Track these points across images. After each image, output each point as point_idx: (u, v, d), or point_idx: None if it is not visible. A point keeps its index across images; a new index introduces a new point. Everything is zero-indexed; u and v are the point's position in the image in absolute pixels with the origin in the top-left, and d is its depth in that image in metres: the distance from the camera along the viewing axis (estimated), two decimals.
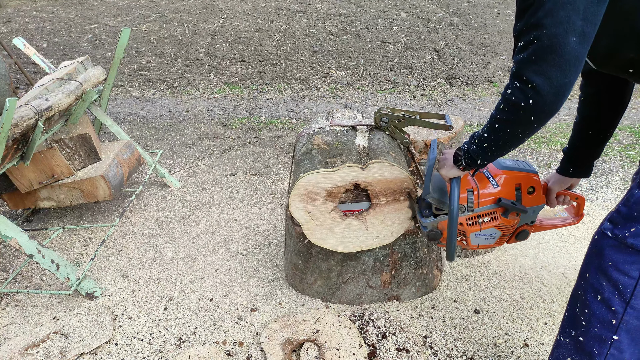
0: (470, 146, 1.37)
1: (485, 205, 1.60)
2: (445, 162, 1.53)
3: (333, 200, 1.89)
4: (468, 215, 1.61)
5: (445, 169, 1.52)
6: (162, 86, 5.72)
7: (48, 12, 7.57)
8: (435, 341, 1.92)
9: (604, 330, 1.24)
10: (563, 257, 2.46)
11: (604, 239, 1.24)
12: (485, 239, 1.66)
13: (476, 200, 1.59)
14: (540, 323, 2.00)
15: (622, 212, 1.22)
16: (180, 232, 2.80)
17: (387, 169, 1.86)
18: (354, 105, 5.09)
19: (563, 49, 1.05)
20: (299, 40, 6.42)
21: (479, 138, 1.32)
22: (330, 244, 1.91)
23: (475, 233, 1.64)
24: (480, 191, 1.59)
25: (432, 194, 1.63)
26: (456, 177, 1.50)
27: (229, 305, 2.16)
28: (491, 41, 6.38)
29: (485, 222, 1.62)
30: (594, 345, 1.26)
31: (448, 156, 1.52)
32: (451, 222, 1.51)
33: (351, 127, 2.26)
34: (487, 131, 1.28)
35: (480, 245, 1.69)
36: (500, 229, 1.64)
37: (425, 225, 1.71)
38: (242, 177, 3.48)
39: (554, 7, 1.04)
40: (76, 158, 2.72)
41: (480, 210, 1.60)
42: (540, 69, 1.08)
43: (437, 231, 1.70)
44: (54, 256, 2.15)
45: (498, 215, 1.61)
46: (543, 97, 1.10)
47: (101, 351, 1.91)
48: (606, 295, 1.22)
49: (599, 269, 1.24)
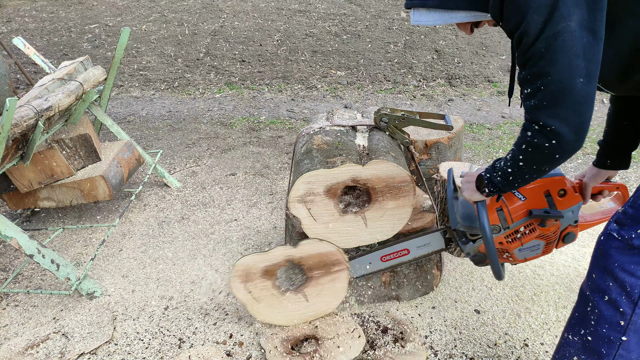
0: (494, 177, 1.35)
1: (519, 220, 1.56)
2: (468, 186, 1.50)
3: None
4: (505, 233, 1.57)
5: (468, 193, 1.50)
6: (162, 86, 5.72)
7: (48, 12, 7.57)
8: (435, 341, 1.92)
9: (612, 331, 1.24)
10: (563, 256, 2.46)
11: (610, 240, 1.24)
12: (531, 251, 1.62)
13: (508, 217, 1.55)
14: (540, 323, 2.00)
15: (629, 214, 1.22)
16: (180, 232, 2.80)
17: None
18: (354, 105, 5.09)
19: (571, 92, 1.06)
20: (299, 40, 6.43)
21: (502, 172, 1.31)
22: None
23: (519, 249, 1.60)
24: (509, 207, 1.55)
25: (461, 222, 1.62)
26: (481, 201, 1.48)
27: (229, 305, 2.16)
28: (491, 41, 6.38)
29: (524, 236, 1.58)
30: (602, 346, 1.27)
31: (470, 179, 1.49)
32: (488, 245, 1.48)
33: (351, 127, 2.26)
34: (511, 167, 1.27)
35: (528, 258, 1.64)
36: (542, 239, 1.59)
37: (467, 251, 1.69)
38: (242, 177, 3.48)
39: (555, 55, 1.06)
40: (76, 158, 2.72)
41: (516, 226, 1.56)
42: (554, 113, 1.09)
43: (480, 255, 1.68)
44: (54, 256, 2.15)
45: (535, 226, 1.57)
46: (564, 138, 1.10)
47: (101, 351, 1.91)
48: (613, 296, 1.23)
49: (605, 269, 1.24)
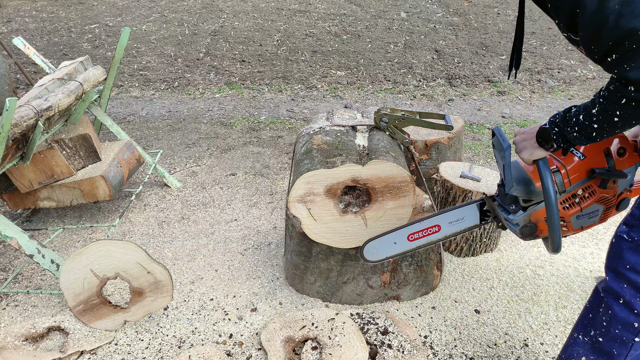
0: (569, 134, 1.26)
1: (577, 182, 1.44)
2: (525, 145, 1.40)
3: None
4: (562, 198, 1.45)
5: (527, 152, 1.39)
6: (162, 86, 5.72)
7: (48, 12, 7.57)
8: (435, 341, 1.92)
9: (625, 332, 1.24)
10: (563, 256, 2.46)
11: (620, 241, 1.25)
12: (589, 219, 1.50)
13: (566, 180, 1.43)
14: (540, 323, 2.00)
15: (637, 215, 1.23)
16: (180, 232, 2.80)
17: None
18: (354, 105, 5.09)
19: None
20: (299, 40, 6.42)
21: (581, 127, 1.22)
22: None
23: (577, 215, 1.48)
24: (567, 168, 1.43)
25: (517, 186, 1.47)
26: (542, 159, 1.37)
27: (228, 305, 2.16)
28: (491, 41, 6.38)
29: (583, 200, 1.46)
30: (613, 346, 1.27)
31: (527, 137, 1.39)
32: (551, 209, 1.35)
33: (351, 127, 2.26)
34: (598, 122, 1.17)
35: (585, 227, 1.52)
36: (602, 203, 1.47)
37: (516, 222, 1.54)
38: (242, 177, 3.48)
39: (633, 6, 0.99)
40: (76, 158, 2.72)
41: (573, 189, 1.44)
42: None
43: (531, 225, 1.54)
44: (54, 256, 2.15)
45: (595, 188, 1.45)
46: None
47: (101, 351, 1.91)
48: (628, 298, 1.23)
49: (618, 272, 1.25)
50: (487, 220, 1.75)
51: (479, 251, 2.46)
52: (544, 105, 5.01)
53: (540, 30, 6.57)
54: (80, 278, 1.98)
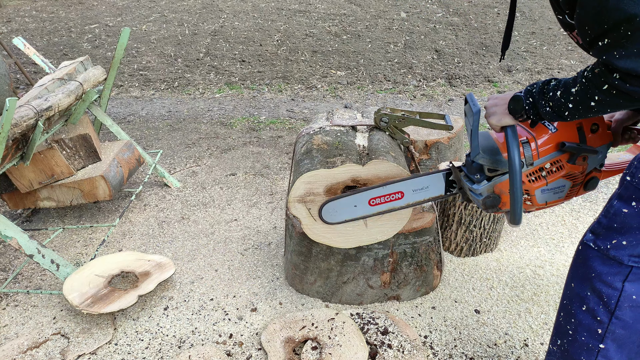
0: (541, 106, 1.23)
1: (546, 155, 1.41)
2: (495, 110, 1.36)
3: None
4: (528, 171, 1.43)
5: (496, 117, 1.35)
6: (162, 86, 5.72)
7: (48, 12, 7.57)
8: (435, 341, 1.92)
9: (591, 339, 1.24)
10: (563, 256, 2.46)
11: (587, 250, 1.23)
12: (554, 194, 1.47)
13: (534, 152, 1.40)
14: (540, 323, 2.00)
15: (603, 223, 1.20)
16: (180, 232, 2.80)
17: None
18: (354, 105, 5.09)
19: None
20: (299, 40, 6.42)
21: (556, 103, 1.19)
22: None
23: (541, 189, 1.45)
24: (537, 140, 1.40)
25: (483, 154, 1.44)
26: (511, 126, 1.34)
27: (229, 305, 2.16)
28: (491, 41, 6.38)
29: (550, 174, 1.43)
30: (581, 354, 1.26)
31: (499, 102, 1.35)
32: (514, 179, 1.32)
33: (351, 127, 2.26)
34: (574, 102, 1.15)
35: (549, 202, 1.49)
36: (569, 179, 1.45)
37: (479, 192, 1.51)
38: (242, 177, 3.48)
39: None
40: (76, 158, 2.72)
41: (541, 162, 1.41)
42: None
43: (494, 196, 1.50)
44: (54, 256, 2.15)
45: (564, 163, 1.42)
46: None
47: (101, 351, 1.91)
48: (591, 306, 1.22)
49: (583, 279, 1.24)
50: (453, 191, 1.71)
51: (479, 251, 2.47)
52: None
53: (540, 30, 6.57)
54: (85, 282, 2.08)
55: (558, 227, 2.74)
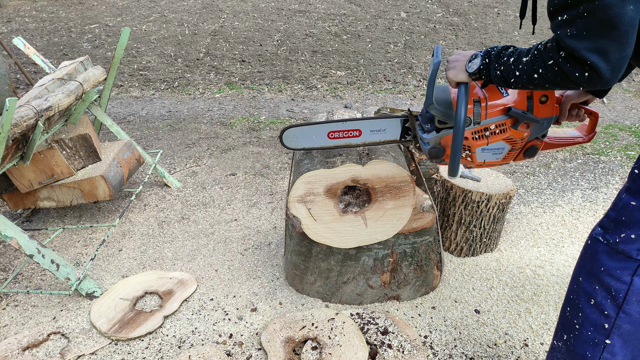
0: (493, 69, 1.26)
1: (493, 117, 1.48)
2: (455, 65, 1.40)
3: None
4: (474, 129, 1.49)
5: (454, 72, 1.39)
6: (162, 86, 5.72)
7: (48, 12, 7.56)
8: (435, 341, 1.92)
9: (597, 334, 1.24)
10: (563, 256, 2.46)
11: (596, 244, 1.24)
12: (492, 154, 1.55)
13: (483, 112, 1.47)
14: (540, 323, 2.00)
15: (612, 217, 1.21)
16: (180, 232, 2.80)
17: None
18: (354, 105, 5.09)
19: (621, 20, 0.94)
20: (299, 40, 6.42)
21: (507, 69, 1.22)
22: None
23: (482, 148, 1.52)
24: (488, 102, 1.47)
25: (436, 104, 1.50)
26: (464, 83, 1.39)
27: (228, 305, 2.16)
28: (491, 41, 6.38)
29: (492, 135, 1.50)
30: (587, 349, 1.26)
31: (460, 58, 1.39)
32: (457, 134, 1.39)
33: None
34: (521, 71, 1.18)
35: (487, 162, 1.57)
36: (509, 142, 1.52)
37: (427, 141, 1.57)
38: (242, 177, 3.48)
39: None
40: (76, 158, 2.72)
41: (487, 123, 1.48)
42: (595, 47, 0.98)
43: (439, 147, 1.57)
44: (54, 256, 2.15)
45: (507, 127, 1.50)
46: (601, 75, 1.01)
47: (101, 352, 1.91)
48: (599, 300, 1.22)
49: (591, 273, 1.24)
50: (407, 137, 1.78)
51: (479, 251, 2.47)
52: None
53: (540, 30, 6.57)
54: (112, 306, 2.11)
55: (558, 227, 2.74)
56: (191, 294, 2.22)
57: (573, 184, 3.29)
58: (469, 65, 1.35)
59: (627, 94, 5.34)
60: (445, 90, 1.55)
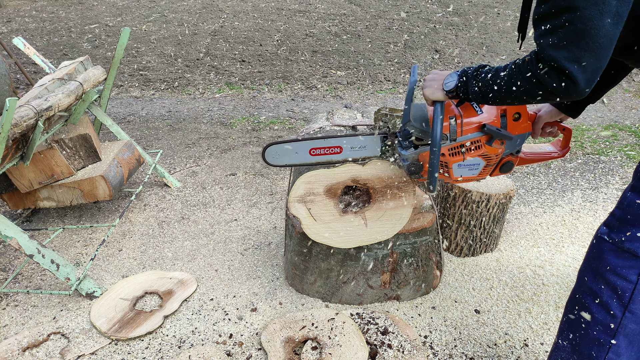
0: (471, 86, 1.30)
1: (468, 134, 1.54)
2: (432, 83, 1.44)
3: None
4: (450, 145, 1.55)
5: (430, 90, 1.43)
6: (162, 86, 5.72)
7: (48, 12, 7.57)
8: (435, 341, 1.92)
9: (603, 334, 1.24)
10: (563, 256, 2.46)
11: (601, 242, 1.24)
12: (469, 170, 1.60)
13: (459, 129, 1.53)
14: (540, 323, 2.00)
15: (617, 216, 1.22)
16: (180, 232, 2.80)
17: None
18: (354, 105, 5.09)
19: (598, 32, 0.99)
20: (299, 40, 6.42)
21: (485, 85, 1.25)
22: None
23: (458, 164, 1.58)
24: (464, 119, 1.53)
25: (413, 122, 1.54)
26: (440, 102, 1.43)
27: (228, 305, 2.16)
28: (491, 41, 6.38)
29: (468, 152, 1.56)
30: (592, 349, 1.26)
31: (437, 77, 1.43)
32: (433, 152, 1.44)
33: (351, 127, 2.26)
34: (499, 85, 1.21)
35: (464, 177, 1.62)
36: (484, 159, 1.59)
37: (405, 157, 1.63)
38: (242, 177, 3.48)
39: None
40: (76, 158, 2.72)
41: (463, 139, 1.54)
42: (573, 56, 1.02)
43: (417, 164, 1.63)
44: (54, 256, 2.15)
45: (482, 143, 1.56)
46: (577, 84, 1.04)
47: (101, 351, 1.91)
48: (605, 299, 1.22)
49: (597, 273, 1.24)
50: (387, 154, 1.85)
51: (479, 251, 2.47)
52: None
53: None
54: (112, 306, 2.10)
55: (558, 227, 2.74)
56: (191, 294, 2.21)
57: (573, 184, 3.29)
58: (445, 83, 1.38)
59: (627, 94, 5.34)
60: (422, 108, 1.60)
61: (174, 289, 2.22)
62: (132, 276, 2.33)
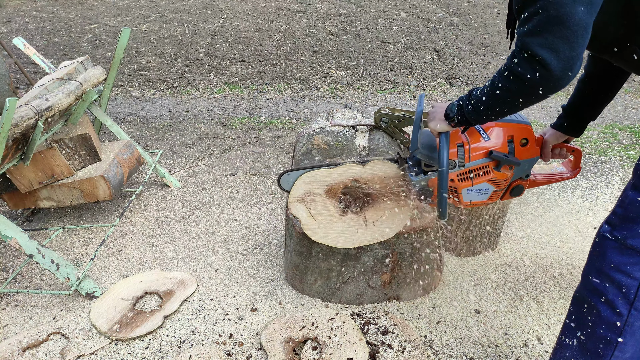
0: (465, 106, 1.33)
1: (476, 160, 1.56)
2: (435, 116, 1.47)
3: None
4: (459, 171, 1.57)
5: (434, 123, 1.47)
6: (162, 86, 5.72)
7: (48, 12, 7.56)
8: (436, 341, 1.92)
9: (609, 332, 1.24)
10: (563, 256, 2.46)
11: (604, 241, 1.24)
12: (478, 195, 1.62)
13: (467, 155, 1.55)
14: (541, 323, 2.00)
15: (618, 214, 1.22)
16: (180, 232, 2.80)
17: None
18: (354, 105, 5.09)
19: (570, 19, 1.00)
20: (299, 40, 6.42)
21: (476, 100, 1.28)
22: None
23: (467, 189, 1.60)
24: (471, 145, 1.55)
25: (421, 149, 1.58)
26: (445, 132, 1.46)
27: (228, 305, 2.16)
28: (491, 41, 6.38)
29: (477, 177, 1.58)
30: (599, 347, 1.26)
31: (438, 109, 1.47)
32: (441, 179, 1.47)
33: (351, 127, 2.26)
34: (486, 95, 1.24)
35: (473, 202, 1.64)
36: (493, 184, 1.60)
37: (415, 183, 1.67)
38: (242, 177, 3.48)
39: None
40: (76, 158, 2.72)
41: (471, 165, 1.56)
42: (546, 42, 1.03)
43: (427, 189, 1.66)
44: (54, 256, 2.15)
45: (490, 169, 1.58)
46: (551, 72, 1.06)
47: (101, 351, 1.91)
48: (610, 297, 1.22)
49: (601, 271, 1.24)
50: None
51: (479, 251, 2.47)
52: (543, 105, 5.01)
53: None
54: (112, 306, 2.10)
55: (558, 227, 2.74)
56: (191, 294, 2.21)
57: (573, 184, 3.29)
58: (447, 113, 1.41)
59: (627, 94, 5.34)
60: (429, 135, 1.62)
61: (174, 289, 2.22)
62: (132, 276, 2.33)
